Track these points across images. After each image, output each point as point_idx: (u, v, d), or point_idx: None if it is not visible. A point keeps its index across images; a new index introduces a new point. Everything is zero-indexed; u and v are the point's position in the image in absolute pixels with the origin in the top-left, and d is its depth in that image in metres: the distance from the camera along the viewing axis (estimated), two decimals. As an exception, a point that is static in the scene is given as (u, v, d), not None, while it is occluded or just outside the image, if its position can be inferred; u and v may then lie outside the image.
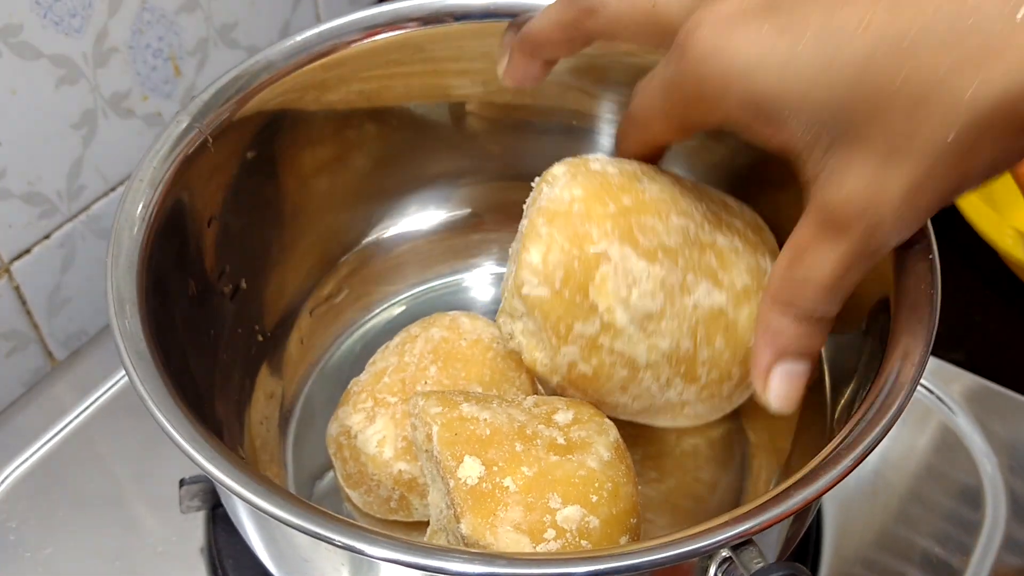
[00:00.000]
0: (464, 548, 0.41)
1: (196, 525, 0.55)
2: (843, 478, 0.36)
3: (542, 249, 0.44)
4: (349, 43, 0.54)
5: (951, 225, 0.65)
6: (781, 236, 0.51)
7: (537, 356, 0.47)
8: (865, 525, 0.56)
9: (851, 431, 0.37)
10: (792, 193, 0.52)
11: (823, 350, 0.51)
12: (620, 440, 0.46)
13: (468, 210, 0.64)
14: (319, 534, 0.35)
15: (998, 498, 0.57)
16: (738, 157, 0.55)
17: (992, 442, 0.59)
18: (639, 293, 0.44)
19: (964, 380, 0.62)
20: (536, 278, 0.44)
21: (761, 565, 0.34)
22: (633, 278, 0.44)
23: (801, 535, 0.47)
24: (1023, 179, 0.68)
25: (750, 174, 0.55)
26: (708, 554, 0.35)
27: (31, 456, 0.58)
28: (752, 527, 0.35)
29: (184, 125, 0.49)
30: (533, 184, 0.48)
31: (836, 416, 0.46)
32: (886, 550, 0.55)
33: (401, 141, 0.60)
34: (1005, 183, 0.71)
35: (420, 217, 0.64)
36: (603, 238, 0.44)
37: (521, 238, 0.46)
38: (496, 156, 0.62)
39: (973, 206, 0.67)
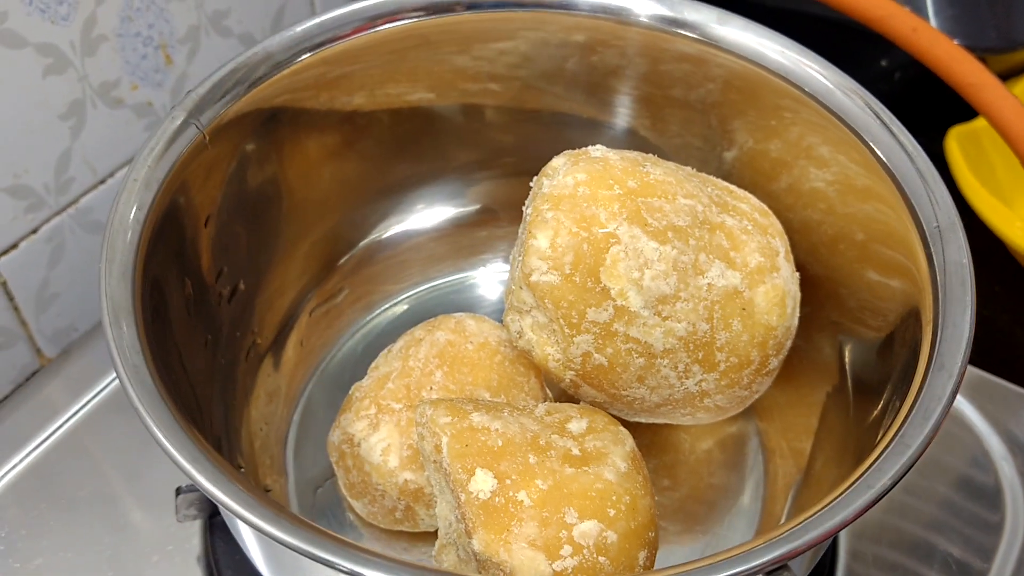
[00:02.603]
0: (474, 574, 0.39)
1: (193, 533, 0.53)
2: (883, 496, 0.34)
3: (549, 233, 0.43)
4: (351, 34, 0.52)
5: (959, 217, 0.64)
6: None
7: (549, 351, 0.46)
8: (880, 527, 0.54)
9: (888, 446, 0.36)
10: (784, 184, 0.51)
11: (845, 356, 0.50)
12: (636, 450, 0.45)
13: (478, 206, 0.62)
14: (325, 559, 0.33)
15: (1016, 497, 0.56)
16: (742, 156, 0.54)
17: (1008, 441, 0.58)
18: (652, 274, 0.43)
19: (974, 377, 0.61)
20: (545, 263, 0.43)
21: (796, 591, 0.33)
22: (645, 259, 0.43)
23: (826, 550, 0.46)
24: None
25: (745, 170, 0.54)
26: (739, 580, 0.34)
27: (21, 460, 0.56)
28: (789, 551, 0.33)
29: (180, 121, 0.47)
30: (532, 183, 0.46)
31: (867, 424, 0.44)
32: (903, 552, 0.53)
33: (407, 135, 0.58)
34: (1014, 174, 0.70)
35: (427, 214, 0.62)
36: (611, 219, 0.43)
37: (521, 242, 0.45)
38: (510, 150, 0.60)
39: (982, 198, 0.66)
